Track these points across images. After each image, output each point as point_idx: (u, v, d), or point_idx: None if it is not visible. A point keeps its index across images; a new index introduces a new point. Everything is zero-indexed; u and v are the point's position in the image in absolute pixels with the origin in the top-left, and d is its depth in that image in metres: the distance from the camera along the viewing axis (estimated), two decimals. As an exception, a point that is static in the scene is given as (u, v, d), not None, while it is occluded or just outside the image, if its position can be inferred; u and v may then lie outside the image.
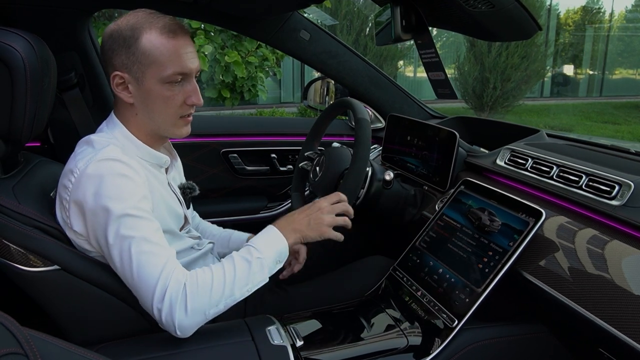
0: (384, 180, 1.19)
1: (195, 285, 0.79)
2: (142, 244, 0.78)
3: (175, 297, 0.77)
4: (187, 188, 1.02)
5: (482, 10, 0.82)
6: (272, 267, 0.86)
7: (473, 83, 7.25)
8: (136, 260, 0.77)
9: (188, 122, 0.91)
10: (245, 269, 0.83)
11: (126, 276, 0.79)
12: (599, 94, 11.00)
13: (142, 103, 0.86)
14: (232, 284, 0.81)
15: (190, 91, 0.87)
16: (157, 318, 0.78)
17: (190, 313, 0.77)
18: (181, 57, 0.83)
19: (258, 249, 0.85)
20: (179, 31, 0.84)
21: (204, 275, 0.80)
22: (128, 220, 0.78)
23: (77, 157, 0.82)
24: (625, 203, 0.82)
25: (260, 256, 0.84)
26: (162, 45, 0.82)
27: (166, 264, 0.79)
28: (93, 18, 1.34)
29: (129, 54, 0.82)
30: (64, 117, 1.28)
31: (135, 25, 0.82)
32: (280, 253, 0.87)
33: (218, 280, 0.80)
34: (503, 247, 0.89)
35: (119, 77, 0.84)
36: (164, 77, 0.83)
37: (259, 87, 5.10)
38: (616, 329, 0.70)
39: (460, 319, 0.86)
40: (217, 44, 4.55)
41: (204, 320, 0.79)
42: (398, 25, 0.92)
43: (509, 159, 1.11)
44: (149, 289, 0.77)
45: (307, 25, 1.46)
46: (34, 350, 0.41)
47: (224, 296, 0.80)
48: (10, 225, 0.78)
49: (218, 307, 0.80)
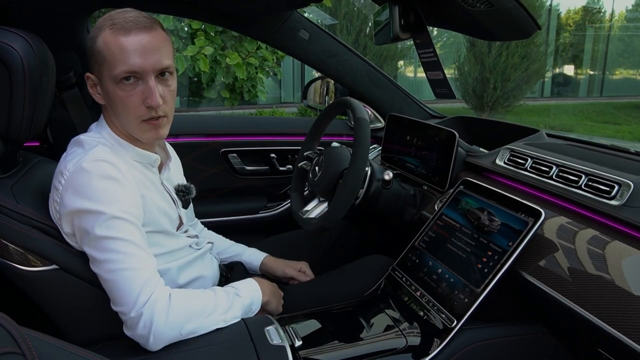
0: (383, 180, 1.19)
1: (180, 296, 0.82)
2: (129, 247, 0.78)
3: (160, 304, 0.78)
4: (182, 190, 1.02)
5: (480, 10, 0.82)
6: (247, 310, 0.91)
7: (473, 83, 7.25)
8: (122, 263, 0.77)
9: (155, 126, 0.85)
10: (225, 297, 0.88)
11: (107, 277, 0.78)
12: (600, 94, 10.99)
13: (108, 104, 0.85)
14: (214, 307, 0.85)
15: (146, 91, 0.81)
16: (133, 322, 0.77)
17: (169, 323, 0.78)
18: (129, 56, 0.79)
19: (237, 288, 0.92)
20: (134, 29, 0.80)
21: (187, 292, 0.85)
22: (115, 222, 0.77)
23: (67, 158, 0.83)
24: (624, 203, 0.82)
25: (239, 294, 0.90)
26: (111, 44, 0.80)
27: (153, 272, 0.80)
28: (93, 18, 1.34)
29: (91, 54, 0.83)
30: (63, 117, 1.28)
31: (98, 25, 0.82)
32: (253, 302, 0.93)
33: (201, 300, 0.85)
34: (502, 247, 0.89)
35: (90, 79, 0.86)
36: (113, 76, 0.80)
37: (258, 88, 5.11)
38: (615, 329, 0.70)
39: (460, 319, 0.86)
40: (217, 45, 4.55)
41: (177, 336, 0.80)
42: (397, 25, 0.92)
43: (509, 158, 1.11)
44: (132, 292, 0.77)
45: (306, 24, 1.46)
46: (31, 350, 0.41)
47: (202, 315, 0.82)
48: (8, 224, 0.78)
49: (194, 325, 0.81)
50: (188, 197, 1.03)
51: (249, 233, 1.59)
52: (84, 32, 1.30)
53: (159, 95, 0.82)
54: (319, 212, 1.18)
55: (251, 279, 0.97)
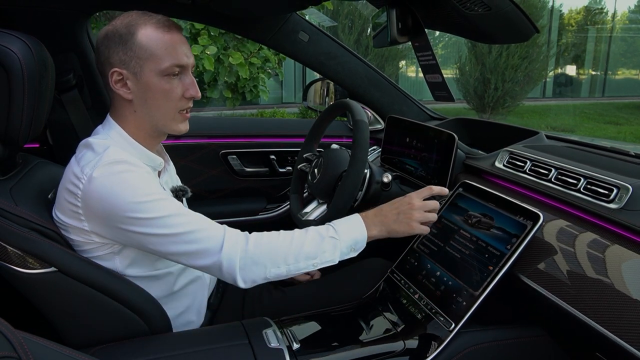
0: (382, 182, 1.19)
1: (260, 237, 0.83)
2: (182, 218, 0.81)
3: (238, 241, 0.81)
4: (180, 190, 1.02)
5: (478, 13, 0.82)
6: (345, 252, 0.88)
7: (474, 83, 7.24)
8: (186, 228, 0.80)
9: (186, 118, 0.92)
10: (316, 242, 0.86)
11: (177, 249, 0.81)
12: (602, 95, 10.97)
13: (141, 98, 0.86)
14: (298, 252, 0.84)
15: (188, 84, 0.88)
16: (219, 267, 0.81)
17: (251, 259, 0.81)
18: (177, 50, 0.86)
19: (336, 229, 0.88)
20: (172, 27, 0.87)
21: (269, 235, 0.85)
22: (157, 204, 0.80)
23: (81, 161, 0.82)
24: (623, 206, 0.82)
25: (335, 237, 0.87)
26: (159, 39, 0.84)
27: (217, 225, 0.84)
28: (94, 19, 1.35)
29: (126, 50, 0.84)
30: (63, 119, 1.28)
31: (131, 23, 0.85)
32: (357, 241, 0.89)
33: (284, 242, 0.84)
34: (501, 250, 0.89)
35: (117, 74, 0.85)
36: (162, 69, 0.85)
37: (260, 88, 5.11)
38: (613, 334, 0.69)
39: (458, 322, 0.86)
40: (219, 45, 4.55)
41: (263, 274, 0.82)
42: (394, 28, 0.91)
43: (508, 161, 1.11)
44: (210, 245, 0.81)
45: (305, 26, 1.46)
46: (27, 354, 0.42)
47: (287, 260, 0.83)
48: (7, 227, 0.78)
49: (280, 270, 0.83)
50: (185, 197, 1.04)
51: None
52: (84, 33, 1.30)
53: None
54: (318, 214, 1.18)
55: (357, 214, 0.93)
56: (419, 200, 0.95)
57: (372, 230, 0.91)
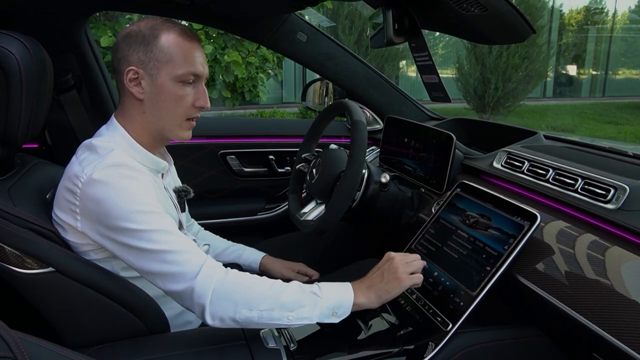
0: (380, 182, 1.19)
1: (239, 275, 0.81)
2: (168, 236, 0.80)
3: (216, 272, 0.79)
4: (183, 191, 1.03)
5: (475, 14, 0.82)
6: (326, 314, 0.82)
7: (474, 83, 7.24)
8: (168, 247, 0.78)
9: (191, 127, 0.94)
10: (296, 294, 0.81)
11: (155, 267, 0.78)
12: (602, 95, 10.96)
13: (152, 100, 0.87)
14: (275, 299, 0.79)
15: (200, 94, 0.90)
16: (191, 294, 0.77)
17: (224, 293, 0.77)
18: (195, 59, 0.88)
19: (321, 287, 0.84)
20: (194, 37, 0.89)
21: (250, 275, 0.82)
22: (149, 216, 0.79)
23: (82, 162, 0.82)
24: (620, 207, 0.82)
25: (317, 294, 0.82)
26: (180, 46, 0.86)
27: (198, 249, 0.81)
28: (93, 19, 1.35)
29: (146, 51, 0.85)
30: (62, 119, 1.29)
31: (155, 27, 0.87)
32: (341, 305, 0.84)
33: (262, 286, 0.80)
34: (498, 250, 0.89)
35: (133, 72, 0.86)
36: (178, 75, 0.86)
37: (259, 88, 5.10)
38: (610, 334, 0.69)
39: (455, 322, 0.86)
40: (217, 45, 4.55)
41: (233, 313, 0.77)
42: (390, 29, 0.92)
43: (506, 161, 1.11)
44: (186, 269, 0.78)
45: (304, 27, 1.46)
46: (23, 354, 0.42)
47: (261, 304, 0.78)
48: (5, 227, 0.79)
49: (251, 313, 0.77)
50: (188, 197, 1.04)
51: (248, 234, 1.59)
52: (82, 34, 1.30)
53: None
54: (316, 215, 1.18)
55: (347, 282, 0.87)
56: (400, 257, 0.92)
57: (359, 297, 0.85)
